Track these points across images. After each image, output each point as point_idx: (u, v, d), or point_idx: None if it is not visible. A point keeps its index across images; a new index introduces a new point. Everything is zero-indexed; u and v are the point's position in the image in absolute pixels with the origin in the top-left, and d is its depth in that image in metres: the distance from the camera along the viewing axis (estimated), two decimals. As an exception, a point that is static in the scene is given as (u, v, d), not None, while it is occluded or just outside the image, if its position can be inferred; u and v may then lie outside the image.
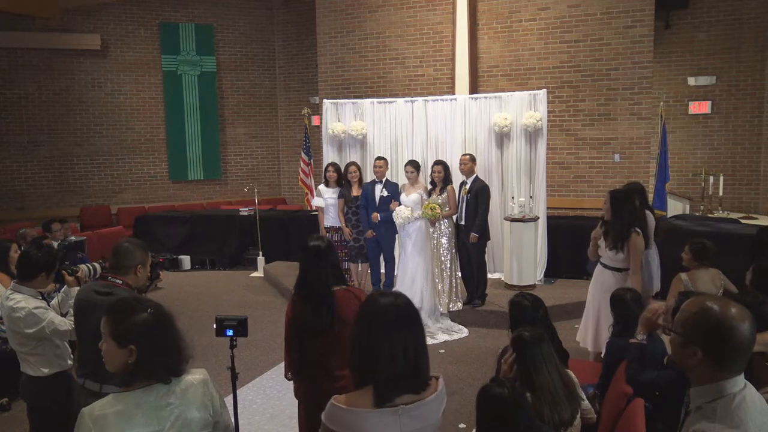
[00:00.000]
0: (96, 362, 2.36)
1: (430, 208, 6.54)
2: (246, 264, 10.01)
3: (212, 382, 2.12)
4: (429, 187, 6.91)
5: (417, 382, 1.96)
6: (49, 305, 3.48)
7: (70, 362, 3.49)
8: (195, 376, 2.06)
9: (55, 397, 3.38)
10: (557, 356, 2.96)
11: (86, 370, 2.93)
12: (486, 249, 7.07)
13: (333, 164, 7.56)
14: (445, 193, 6.72)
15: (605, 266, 4.95)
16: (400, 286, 6.77)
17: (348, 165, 7.40)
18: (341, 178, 7.35)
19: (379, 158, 7.30)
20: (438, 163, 6.86)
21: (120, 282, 2.96)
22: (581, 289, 7.41)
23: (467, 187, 6.75)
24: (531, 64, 9.32)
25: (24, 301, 3.34)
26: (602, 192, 8.98)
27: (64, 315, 3.46)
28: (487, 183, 6.94)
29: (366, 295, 3.26)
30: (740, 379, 1.70)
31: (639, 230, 4.77)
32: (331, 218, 7.35)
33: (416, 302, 6.57)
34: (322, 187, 7.50)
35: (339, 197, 7.28)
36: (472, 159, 6.90)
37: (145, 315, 1.95)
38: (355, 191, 7.23)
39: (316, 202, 7.55)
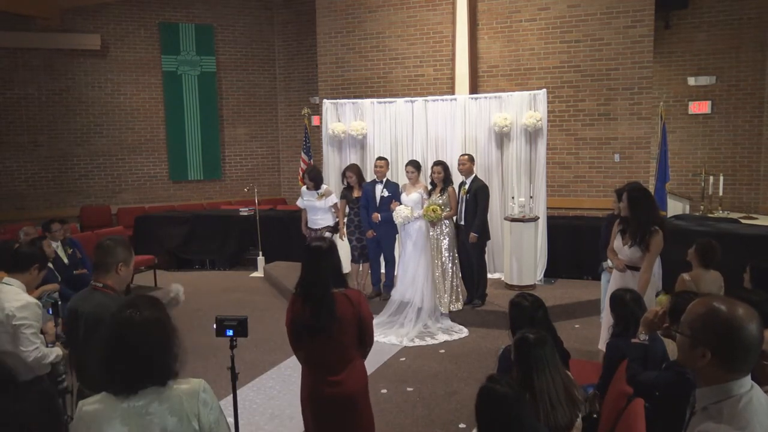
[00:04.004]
0: (86, 370, 2.32)
1: (432, 210, 6.53)
2: (246, 264, 10.01)
3: (209, 394, 1.97)
4: (429, 187, 6.91)
5: None
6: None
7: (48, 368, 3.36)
8: (183, 386, 1.94)
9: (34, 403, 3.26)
10: (559, 358, 2.96)
11: (80, 376, 2.86)
12: (486, 249, 7.07)
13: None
14: (446, 194, 6.71)
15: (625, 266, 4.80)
16: (400, 286, 6.77)
17: (347, 167, 7.44)
18: (361, 180, 7.30)
19: (380, 158, 7.30)
20: (438, 163, 6.85)
21: (101, 285, 2.78)
22: (581, 289, 7.45)
23: (466, 187, 6.74)
24: (531, 64, 9.32)
25: (23, 294, 3.33)
26: (602, 192, 9.00)
27: None
28: (486, 183, 6.94)
29: (364, 296, 3.28)
30: (747, 380, 1.68)
31: (659, 228, 4.60)
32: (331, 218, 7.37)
33: (417, 302, 6.59)
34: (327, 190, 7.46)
35: (341, 197, 7.33)
36: (471, 159, 6.90)
37: (125, 314, 1.88)
38: (357, 192, 7.25)
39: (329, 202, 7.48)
